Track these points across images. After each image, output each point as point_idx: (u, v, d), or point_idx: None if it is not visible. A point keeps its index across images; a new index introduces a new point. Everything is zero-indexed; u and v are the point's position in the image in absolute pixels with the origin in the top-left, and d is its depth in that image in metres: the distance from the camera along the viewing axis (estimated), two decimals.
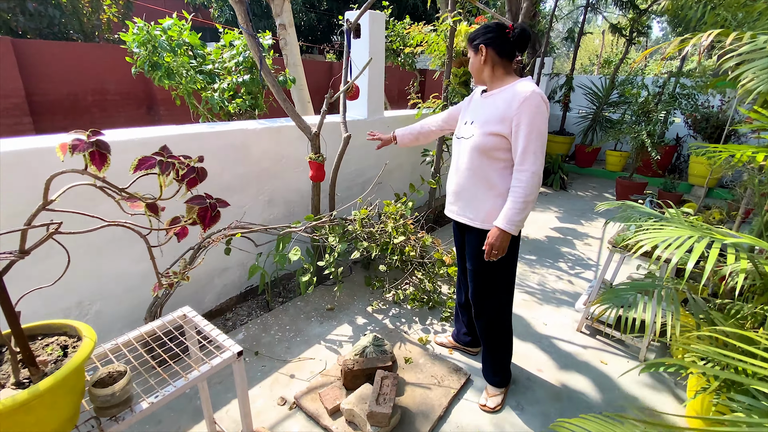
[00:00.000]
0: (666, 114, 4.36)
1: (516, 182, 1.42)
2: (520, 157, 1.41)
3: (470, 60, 1.52)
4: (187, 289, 2.27)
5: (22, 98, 5.34)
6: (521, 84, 1.43)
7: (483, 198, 1.53)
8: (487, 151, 1.47)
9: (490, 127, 1.44)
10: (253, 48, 1.99)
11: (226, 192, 2.29)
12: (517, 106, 1.37)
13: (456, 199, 1.64)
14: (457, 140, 1.63)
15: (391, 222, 2.38)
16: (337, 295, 2.55)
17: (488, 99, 1.51)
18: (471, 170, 1.53)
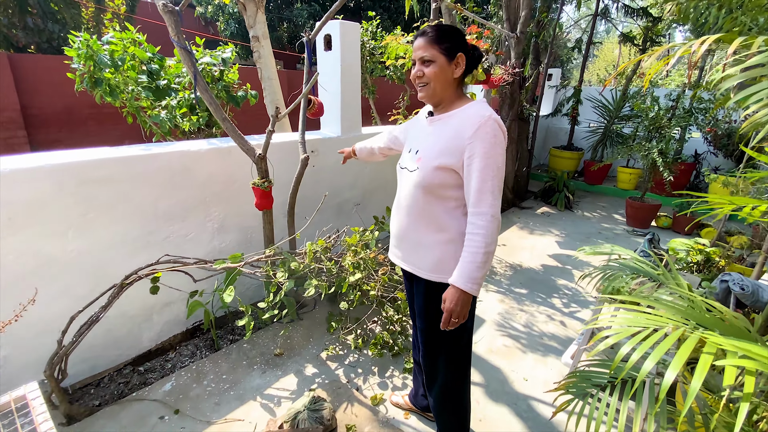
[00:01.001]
0: (681, 130, 3.96)
1: (473, 228, 1.14)
2: (475, 197, 1.13)
3: (433, 68, 1.16)
4: (119, 328, 2.04)
5: (17, 112, 5.34)
6: (474, 108, 1.16)
7: (430, 243, 1.25)
8: (434, 188, 1.19)
9: (437, 160, 1.17)
10: (186, 64, 1.77)
11: (164, 221, 2.06)
12: (471, 135, 1.11)
13: (399, 242, 1.35)
14: (399, 170, 1.35)
15: (350, 256, 2.10)
16: (281, 340, 2.26)
17: (436, 124, 1.24)
18: (415, 210, 1.25)
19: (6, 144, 5.28)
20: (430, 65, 1.16)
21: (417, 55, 1.18)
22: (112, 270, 1.94)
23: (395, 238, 1.37)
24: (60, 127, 5.90)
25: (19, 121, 5.36)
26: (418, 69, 1.18)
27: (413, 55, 1.20)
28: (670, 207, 4.80)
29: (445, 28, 1.17)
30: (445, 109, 1.23)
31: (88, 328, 1.72)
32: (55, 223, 1.71)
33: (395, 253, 1.40)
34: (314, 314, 2.51)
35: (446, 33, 1.16)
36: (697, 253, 2.93)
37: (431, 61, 1.16)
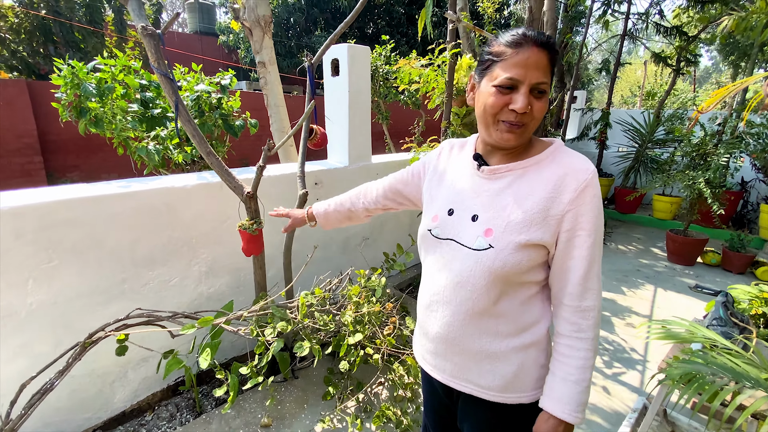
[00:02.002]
0: (729, 157, 3.54)
1: (576, 331, 0.81)
2: (579, 287, 0.80)
3: (544, 102, 0.79)
4: (87, 388, 1.78)
5: (34, 138, 5.41)
6: (569, 158, 0.82)
7: (504, 352, 0.86)
8: (514, 274, 0.81)
9: (522, 234, 0.79)
10: (167, 91, 1.57)
11: (143, 266, 1.82)
12: (572, 199, 0.78)
13: (447, 352, 0.92)
14: (435, 242, 0.91)
15: (351, 310, 1.80)
16: (270, 406, 1.94)
17: (504, 178, 0.85)
18: (481, 305, 0.84)
19: (22, 170, 5.33)
20: (543, 98, 0.78)
21: (531, 77, 0.75)
22: (79, 323, 1.70)
23: (437, 343, 0.93)
24: (77, 153, 5.96)
25: (36, 147, 5.42)
26: (526, 101, 0.76)
27: (518, 74, 0.75)
28: (718, 241, 4.31)
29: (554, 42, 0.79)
30: (514, 154, 0.86)
31: (40, 398, 1.46)
32: (13, 272, 1.49)
33: (438, 365, 0.95)
34: (311, 371, 2.20)
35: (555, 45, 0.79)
36: (763, 303, 2.48)
37: (544, 93, 0.78)
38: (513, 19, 9.35)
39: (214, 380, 2.17)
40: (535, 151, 0.85)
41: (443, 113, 2.81)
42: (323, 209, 1.29)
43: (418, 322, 1.00)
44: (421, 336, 1.00)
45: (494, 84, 0.77)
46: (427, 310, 0.94)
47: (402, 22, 11.22)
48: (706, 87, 26.17)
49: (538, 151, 0.84)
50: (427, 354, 0.98)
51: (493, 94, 0.78)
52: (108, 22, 6.62)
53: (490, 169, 0.86)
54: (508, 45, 0.76)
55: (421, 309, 0.97)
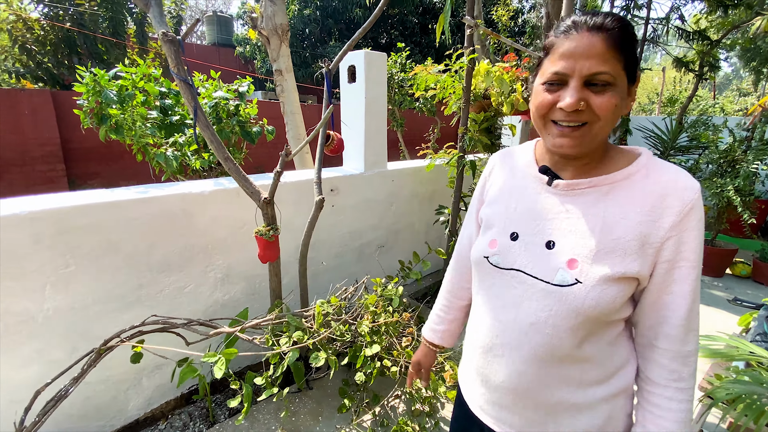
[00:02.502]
0: (759, 164, 3.40)
1: (677, 380, 0.69)
2: (681, 328, 0.67)
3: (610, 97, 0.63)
4: (101, 395, 1.76)
5: (57, 146, 5.56)
6: (669, 168, 0.68)
7: (589, 403, 0.73)
8: (605, 314, 0.67)
9: (618, 265, 0.66)
10: (186, 97, 1.57)
11: (158, 272, 1.81)
12: (676, 223, 0.65)
13: (518, 403, 0.77)
14: (495, 272, 0.77)
15: (368, 319, 1.75)
16: (284, 418, 1.89)
17: (584, 196, 0.71)
18: (562, 351, 0.71)
19: (45, 177, 5.47)
20: (607, 92, 0.63)
21: (580, 68, 0.63)
22: (95, 329, 1.69)
23: (502, 393, 0.78)
24: (98, 161, 6.11)
25: (59, 155, 5.57)
26: (580, 96, 0.63)
27: (561, 66, 0.64)
28: (747, 252, 4.13)
29: (628, 23, 0.65)
30: (589, 166, 0.72)
31: (54, 405, 1.44)
32: (30, 277, 1.49)
33: (503, 418, 0.80)
34: (326, 381, 2.14)
35: (632, 31, 0.65)
36: None
37: (609, 85, 0.63)
38: (528, 26, 9.32)
39: (227, 389, 2.13)
40: (621, 163, 0.70)
41: (460, 119, 2.76)
42: (443, 332, 1.04)
43: (474, 365, 0.84)
44: (478, 383, 0.84)
45: (542, 81, 0.67)
46: (487, 354, 0.79)
47: (415, 31, 11.29)
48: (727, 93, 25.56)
49: (624, 164, 0.70)
50: (487, 405, 0.82)
51: (541, 93, 0.68)
52: (130, 34, 6.83)
53: (568, 183, 0.71)
54: (557, 35, 0.66)
55: (478, 351, 0.82)
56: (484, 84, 2.68)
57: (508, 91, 2.62)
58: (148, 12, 1.58)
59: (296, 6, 10.48)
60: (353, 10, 10.47)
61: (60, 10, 6.22)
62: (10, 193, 1.52)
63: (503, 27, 6.81)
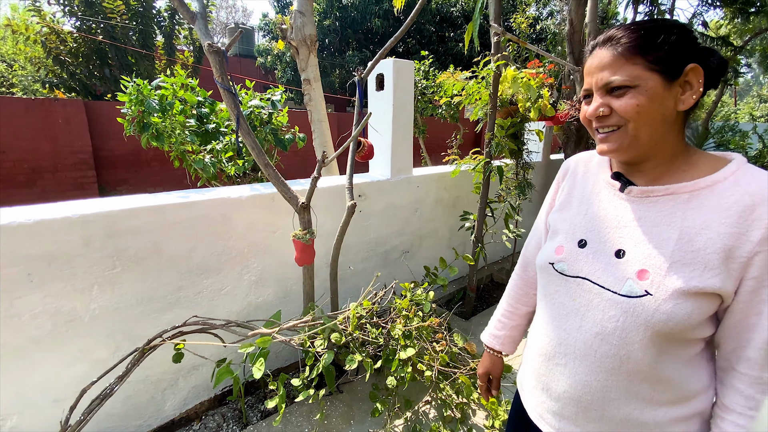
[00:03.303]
0: None
1: (752, 411, 0.64)
2: (764, 352, 0.63)
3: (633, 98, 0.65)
4: (140, 394, 1.81)
5: (89, 154, 5.78)
6: (756, 177, 0.64)
7: (658, 422, 0.69)
8: (682, 331, 0.65)
9: (695, 278, 0.63)
10: (229, 105, 1.63)
11: (197, 274, 1.86)
12: (765, 236, 0.60)
13: (580, 415, 0.75)
14: (560, 279, 0.78)
15: (401, 323, 1.76)
16: (317, 422, 1.90)
17: (672, 203, 0.68)
18: (631, 366, 0.68)
19: (76, 183, 5.68)
20: (627, 94, 0.66)
21: (597, 81, 0.68)
22: (137, 330, 1.74)
23: (564, 403, 0.77)
24: (127, 167, 6.32)
25: (90, 162, 5.79)
26: (600, 103, 0.69)
27: (586, 82, 0.72)
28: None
29: (658, 24, 0.66)
30: (664, 170, 0.70)
31: (100, 404, 1.49)
32: (80, 278, 1.56)
33: (563, 428, 0.78)
34: (356, 385, 2.15)
35: (659, 31, 0.65)
36: None
37: (629, 87, 0.65)
38: (548, 33, 9.30)
39: (259, 391, 2.16)
40: (706, 170, 0.67)
41: (486, 125, 2.77)
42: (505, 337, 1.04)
43: (534, 371, 0.84)
44: (539, 391, 0.83)
45: (581, 97, 0.75)
46: (549, 362, 0.79)
47: (432, 40, 11.38)
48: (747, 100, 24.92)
49: (710, 170, 0.67)
50: (547, 414, 0.81)
51: (583, 107, 0.74)
52: (158, 46, 7.10)
53: (642, 190, 0.70)
54: (585, 58, 0.74)
55: (540, 358, 0.81)
56: (510, 90, 2.69)
57: (535, 97, 2.62)
58: (194, 25, 1.65)
59: (316, 17, 10.71)
60: (372, 20, 10.64)
61: (92, 23, 6.51)
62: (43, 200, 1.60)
63: (522, 34, 6.82)
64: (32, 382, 1.53)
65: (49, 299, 1.49)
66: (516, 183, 2.98)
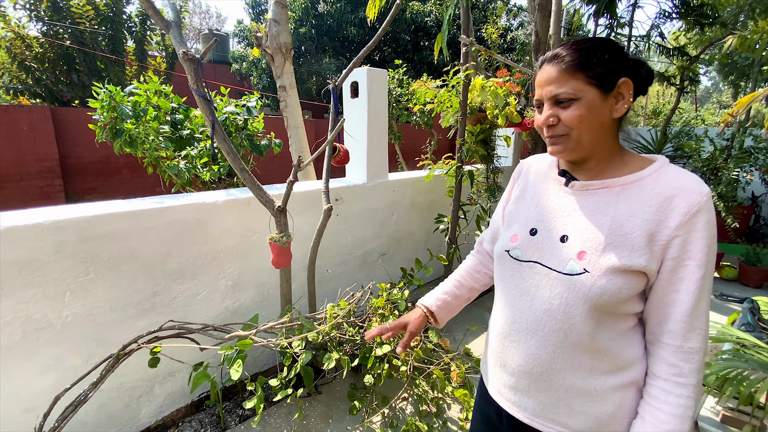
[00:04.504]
0: (739, 171, 3.58)
1: (677, 375, 0.73)
2: (684, 324, 0.72)
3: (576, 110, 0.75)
4: (114, 402, 1.79)
5: (55, 162, 5.58)
6: (682, 174, 0.75)
7: (600, 391, 0.78)
8: (612, 304, 0.74)
9: (624, 258, 0.73)
10: (204, 111, 1.66)
11: (172, 280, 1.86)
12: (682, 223, 0.70)
13: (532, 386, 0.83)
14: (514, 264, 0.86)
15: (377, 322, 1.82)
16: (296, 422, 1.93)
17: (595, 195, 0.80)
18: (574, 338, 0.77)
19: (41, 192, 5.47)
20: (571, 105, 0.76)
21: (546, 93, 0.78)
22: (111, 336, 1.73)
23: (518, 377, 0.85)
24: (96, 176, 6.13)
25: (57, 171, 5.59)
26: (549, 113, 0.78)
27: (537, 93, 0.81)
28: (733, 256, 4.29)
29: (594, 43, 0.76)
30: (601, 168, 0.81)
31: (74, 410, 1.48)
32: (51, 285, 1.54)
33: (519, 402, 0.86)
34: (334, 386, 2.19)
35: (597, 50, 0.75)
36: None
37: (572, 99, 0.75)
38: (517, 43, 9.67)
39: (237, 396, 2.16)
40: (634, 167, 0.79)
41: (457, 131, 2.89)
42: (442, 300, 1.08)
43: (493, 351, 0.92)
44: (497, 368, 0.91)
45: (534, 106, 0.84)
46: (505, 340, 0.87)
47: (408, 48, 11.60)
48: (708, 106, 26.54)
49: (638, 168, 0.78)
50: (505, 389, 0.89)
51: (536, 114, 0.83)
52: (129, 51, 6.95)
53: (583, 184, 0.81)
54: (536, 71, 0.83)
55: (497, 337, 0.90)
56: (479, 98, 2.82)
57: (503, 104, 2.76)
58: (169, 33, 1.68)
59: (292, 24, 10.74)
60: (348, 28, 10.77)
61: (60, 28, 6.32)
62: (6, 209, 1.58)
63: (493, 44, 7.08)
64: (2, 391, 1.50)
65: (20, 306, 1.47)
66: (486, 186, 3.10)
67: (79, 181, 6.00)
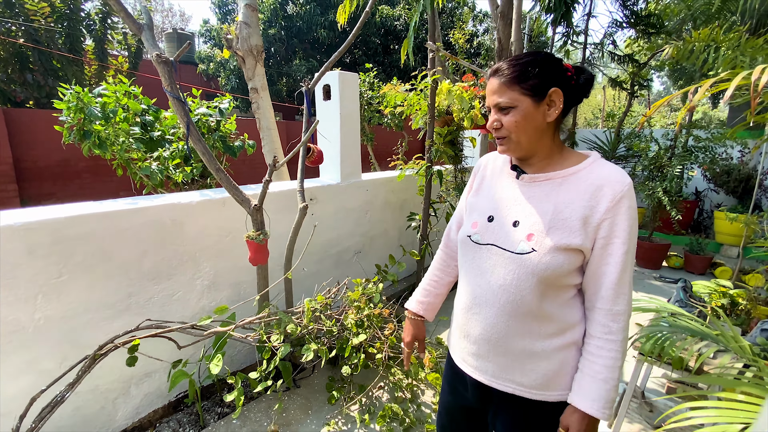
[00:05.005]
0: (682, 168, 3.93)
1: (607, 333, 0.88)
2: (612, 291, 0.87)
3: (513, 116, 0.90)
4: (90, 405, 1.78)
5: (9, 165, 5.28)
6: (607, 169, 0.89)
7: (546, 351, 0.92)
8: (555, 277, 0.88)
9: (561, 238, 0.87)
10: (179, 113, 1.69)
11: (148, 280, 1.87)
12: (609, 208, 0.85)
13: (491, 351, 0.96)
14: (474, 247, 0.99)
15: (353, 313, 1.90)
16: (276, 415, 1.99)
17: (540, 186, 0.94)
18: (525, 307, 0.91)
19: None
20: (510, 112, 0.90)
21: (491, 101, 0.93)
22: (86, 338, 1.72)
23: (479, 345, 0.98)
24: (54, 180, 5.83)
25: (10, 175, 5.29)
26: (494, 119, 0.93)
27: (487, 101, 0.95)
28: (680, 246, 4.67)
29: (529, 59, 0.89)
30: (545, 163, 0.95)
31: (50, 411, 1.47)
32: (22, 287, 1.53)
33: (480, 366, 0.99)
34: (312, 380, 2.25)
35: (530, 65, 0.88)
36: (721, 296, 2.75)
37: (510, 107, 0.90)
38: (483, 48, 10.02)
39: (215, 395, 2.18)
40: (572, 162, 0.93)
41: (426, 133, 3.03)
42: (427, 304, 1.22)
43: (457, 324, 1.05)
44: (461, 338, 1.04)
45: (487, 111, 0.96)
46: (468, 313, 1.00)
47: (378, 51, 11.74)
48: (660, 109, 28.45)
49: (575, 162, 0.92)
50: (468, 356, 1.02)
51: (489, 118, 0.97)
52: (88, 50, 6.65)
53: (530, 176, 0.95)
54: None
55: (461, 312, 1.03)
56: (446, 101, 2.97)
57: (468, 107, 2.91)
58: (141, 36, 1.70)
59: (262, 26, 10.62)
60: (318, 30, 10.77)
61: (12, 26, 5.98)
62: None
63: (460, 49, 7.33)
64: None
65: None
66: (455, 185, 3.26)
67: (35, 186, 5.69)
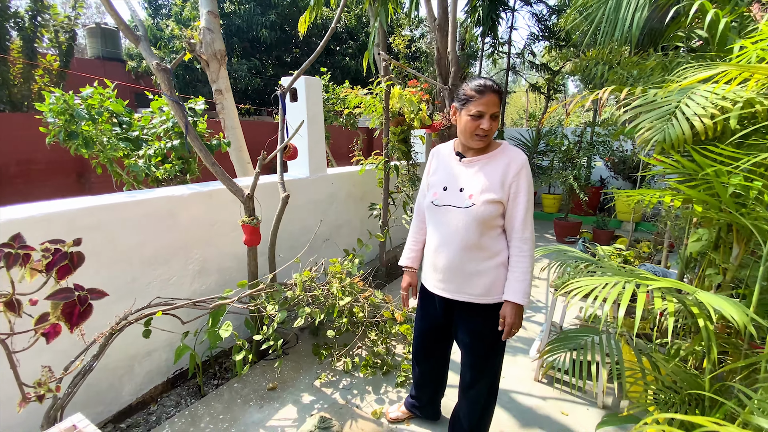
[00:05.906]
0: (587, 159, 4.79)
1: (521, 251, 1.38)
2: (521, 225, 1.37)
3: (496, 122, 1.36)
4: (101, 382, 1.94)
5: None
6: (515, 151, 1.42)
7: (486, 270, 1.41)
8: (488, 220, 1.36)
9: (490, 195, 1.36)
10: (178, 115, 1.92)
11: (147, 266, 2.07)
12: (516, 173, 1.36)
13: (451, 276, 1.45)
14: (436, 208, 1.46)
15: (337, 282, 2.26)
16: (278, 371, 2.30)
17: (479, 164, 1.42)
18: (471, 242, 1.39)
19: None
20: (495, 119, 1.35)
21: (490, 110, 1.33)
22: (92, 321, 1.88)
23: (444, 272, 1.46)
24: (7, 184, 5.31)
25: None
26: (489, 124, 1.34)
27: (483, 109, 1.33)
28: (589, 225, 5.63)
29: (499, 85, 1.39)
30: (485, 151, 1.43)
31: (82, 378, 1.65)
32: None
33: (445, 287, 1.48)
34: (299, 348, 2.57)
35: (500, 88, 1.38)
36: (617, 255, 3.54)
37: (496, 116, 1.35)
38: (420, 53, 10.73)
39: (209, 371, 2.40)
40: (493, 148, 1.44)
41: (382, 132, 3.45)
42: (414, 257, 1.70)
43: (428, 262, 1.54)
44: (431, 271, 1.53)
45: (470, 114, 1.36)
46: (435, 252, 1.49)
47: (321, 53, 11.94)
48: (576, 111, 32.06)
49: (494, 148, 1.44)
50: (436, 282, 1.51)
51: (470, 121, 1.37)
52: (13, 48, 6.08)
53: (468, 160, 1.45)
54: (477, 91, 1.34)
55: (430, 252, 1.52)
56: (398, 104, 3.42)
57: (416, 109, 3.39)
58: (138, 47, 1.91)
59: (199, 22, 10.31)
60: (258, 30, 10.71)
61: None
62: None
63: (401, 54, 7.87)
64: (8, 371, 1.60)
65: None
66: (409, 177, 3.73)
67: None
